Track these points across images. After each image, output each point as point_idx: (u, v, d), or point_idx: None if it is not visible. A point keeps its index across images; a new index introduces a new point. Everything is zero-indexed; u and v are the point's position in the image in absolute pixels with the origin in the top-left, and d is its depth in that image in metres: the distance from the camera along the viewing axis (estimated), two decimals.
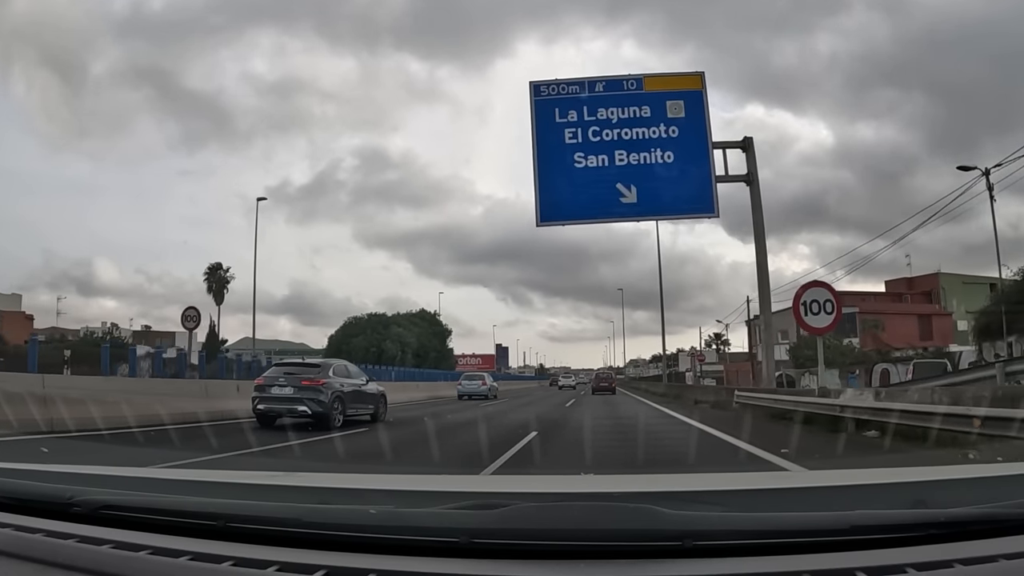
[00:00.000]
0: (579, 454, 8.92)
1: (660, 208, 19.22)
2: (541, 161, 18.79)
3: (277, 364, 15.13)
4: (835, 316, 12.30)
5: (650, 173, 18.39)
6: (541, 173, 18.76)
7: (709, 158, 18.43)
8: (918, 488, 1.71)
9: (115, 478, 1.96)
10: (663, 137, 18.42)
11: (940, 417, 7.48)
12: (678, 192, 18.47)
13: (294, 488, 1.97)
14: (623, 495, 1.63)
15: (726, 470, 6.50)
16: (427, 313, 71.14)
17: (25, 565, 1.24)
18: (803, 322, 12.46)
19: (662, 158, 18.37)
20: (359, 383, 14.54)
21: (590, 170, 18.44)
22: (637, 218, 19.94)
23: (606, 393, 36.64)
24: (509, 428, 12.82)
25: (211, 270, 60.52)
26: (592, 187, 18.41)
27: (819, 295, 12.45)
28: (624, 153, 18.44)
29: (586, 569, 1.15)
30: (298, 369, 13.69)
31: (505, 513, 1.26)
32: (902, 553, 1.14)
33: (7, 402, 10.18)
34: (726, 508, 1.47)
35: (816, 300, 12.32)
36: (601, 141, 18.52)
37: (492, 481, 2.86)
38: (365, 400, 14.48)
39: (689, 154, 18.37)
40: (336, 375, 13.67)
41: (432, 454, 8.71)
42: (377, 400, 15.00)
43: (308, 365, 14.19)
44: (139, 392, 14.28)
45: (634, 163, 18.40)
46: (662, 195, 18.49)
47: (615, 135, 18.50)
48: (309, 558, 1.19)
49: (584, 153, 18.52)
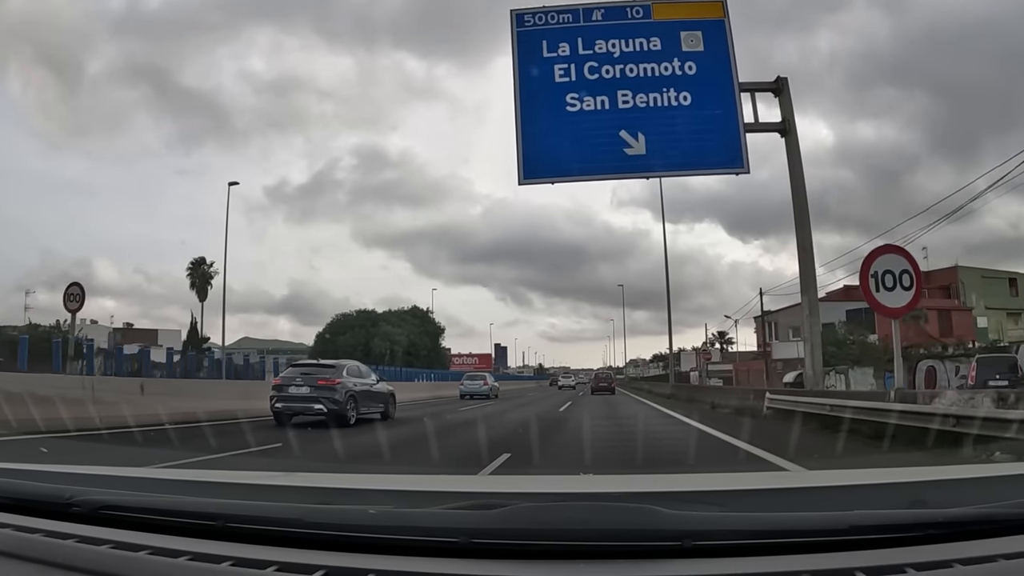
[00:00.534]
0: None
1: (674, 161, 15.52)
2: (525, 104, 15.46)
3: (293, 365, 15.62)
4: (914, 293, 9.40)
5: (662, 118, 15.10)
6: (525, 119, 15.43)
7: (735, 100, 15.08)
8: (917, 488, 1.71)
9: (114, 478, 1.97)
10: (677, 75, 15.11)
11: None
12: (697, 142, 15.14)
13: (293, 488, 1.98)
14: (622, 495, 1.64)
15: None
16: (419, 310, 68.85)
17: (25, 565, 1.25)
18: (873, 300, 9.49)
19: (677, 100, 15.07)
20: (370, 383, 15.03)
21: (586, 115, 15.17)
22: (646, 173, 16.74)
23: (605, 393, 36.83)
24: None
25: (194, 265, 57.68)
26: (589, 135, 15.19)
27: (894, 264, 9.42)
28: (629, 94, 15.13)
29: (586, 569, 1.15)
30: (314, 369, 14.13)
31: (504, 513, 1.26)
32: (901, 553, 1.14)
33: None
34: (725, 508, 1.47)
35: (890, 271, 9.35)
36: (600, 79, 15.21)
37: (491, 481, 2.87)
38: (376, 399, 14.94)
39: (710, 95, 15.12)
40: (349, 375, 14.13)
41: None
42: (387, 399, 15.46)
43: (323, 366, 14.56)
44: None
45: (641, 106, 15.08)
46: (677, 145, 15.16)
47: (617, 72, 15.21)
48: (308, 558, 1.19)
49: (579, 94, 15.23)
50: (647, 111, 15.15)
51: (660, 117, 15.15)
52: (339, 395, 13.21)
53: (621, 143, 15.06)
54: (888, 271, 9.37)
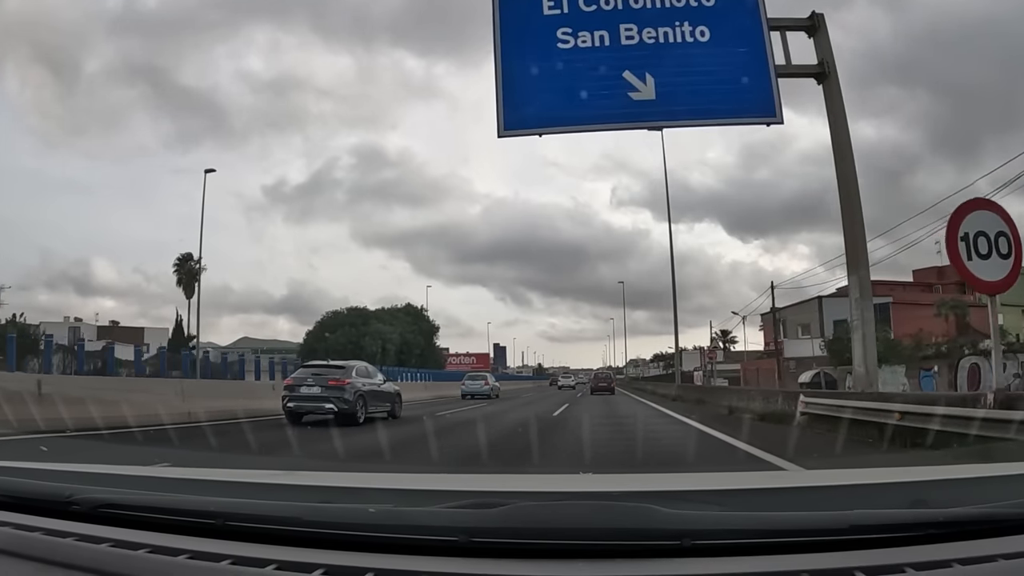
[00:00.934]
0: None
1: (691, 108, 12.99)
2: (506, 41, 12.99)
3: (304, 366, 16.08)
4: (1014, 262, 7.39)
5: (675, 57, 12.76)
6: (506, 58, 12.94)
7: (764, 36, 12.75)
8: (917, 488, 1.71)
9: (114, 476, 1.97)
10: (693, 5, 12.80)
11: None
12: (718, 85, 12.72)
13: (293, 487, 1.98)
14: (622, 494, 1.63)
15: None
16: (413, 308, 66.64)
17: (24, 563, 1.25)
18: (966, 271, 7.50)
19: (693, 35, 12.72)
20: (378, 383, 15.58)
21: (582, 53, 12.75)
22: (655, 123, 14.28)
23: (605, 393, 37.04)
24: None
25: (180, 261, 55.23)
26: (585, 77, 12.78)
27: (988, 223, 7.46)
28: (634, 29, 12.73)
29: (585, 568, 1.15)
30: (324, 370, 14.54)
31: (504, 512, 1.26)
32: (901, 553, 1.14)
33: None
34: (724, 508, 1.47)
35: (984, 232, 7.41)
36: (599, 11, 12.82)
37: (491, 480, 2.87)
38: (383, 399, 15.40)
39: (733, 31, 12.84)
40: (358, 375, 14.60)
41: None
42: (393, 399, 15.94)
43: (333, 367, 14.91)
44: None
45: (649, 42, 12.71)
46: (694, 89, 12.73)
47: (619, 2, 12.85)
48: (308, 557, 1.19)
49: (572, 29, 12.80)
50: (657, 48, 12.74)
51: (673, 55, 12.78)
52: (348, 395, 13.63)
53: (625, 86, 12.61)
54: (981, 233, 7.41)
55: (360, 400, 13.90)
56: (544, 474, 5.19)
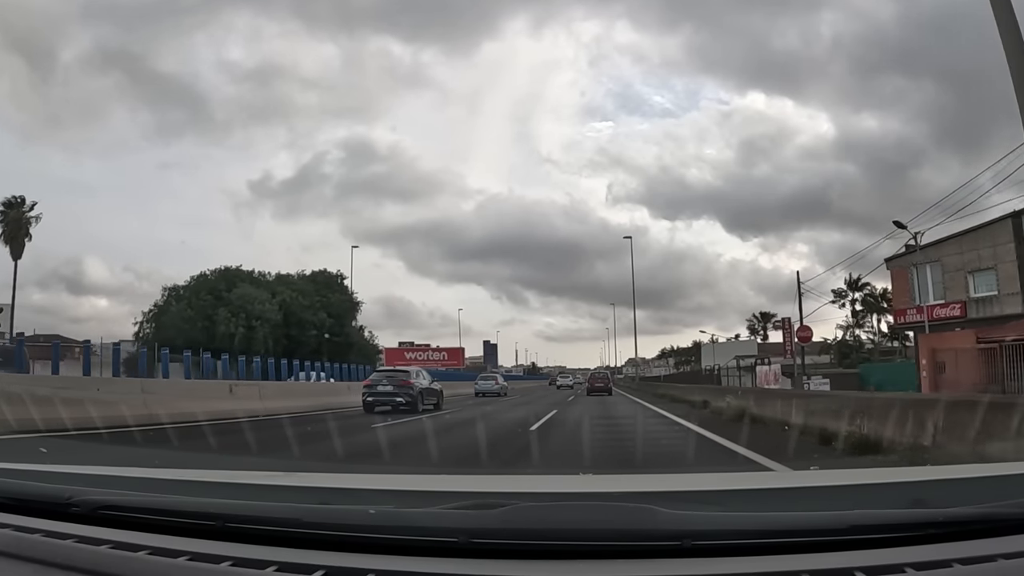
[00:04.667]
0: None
1: None
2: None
3: (378, 371, 22.37)
4: None
5: None
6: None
7: None
8: (917, 487, 1.72)
9: (114, 478, 1.97)
10: None
11: None
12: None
13: (293, 488, 1.98)
14: (622, 495, 1.64)
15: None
16: (327, 274, 52.08)
17: (24, 565, 1.25)
18: None
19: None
20: (428, 382, 20.92)
21: None
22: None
23: (602, 394, 37.01)
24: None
25: (6, 207, 42.42)
26: None
27: None
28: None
29: (585, 569, 1.15)
30: (394, 374, 20.24)
31: (504, 513, 1.26)
32: (901, 553, 1.14)
33: None
34: (725, 508, 1.47)
35: None
36: None
37: (491, 481, 2.88)
38: (432, 395, 20.75)
39: None
40: (418, 378, 20.15)
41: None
42: (438, 395, 21.36)
43: (400, 371, 20.79)
44: None
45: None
46: None
47: None
48: (308, 558, 1.19)
49: None
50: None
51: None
52: (414, 391, 18.97)
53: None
54: None
55: (420, 395, 19.12)
56: (544, 475, 5.19)
